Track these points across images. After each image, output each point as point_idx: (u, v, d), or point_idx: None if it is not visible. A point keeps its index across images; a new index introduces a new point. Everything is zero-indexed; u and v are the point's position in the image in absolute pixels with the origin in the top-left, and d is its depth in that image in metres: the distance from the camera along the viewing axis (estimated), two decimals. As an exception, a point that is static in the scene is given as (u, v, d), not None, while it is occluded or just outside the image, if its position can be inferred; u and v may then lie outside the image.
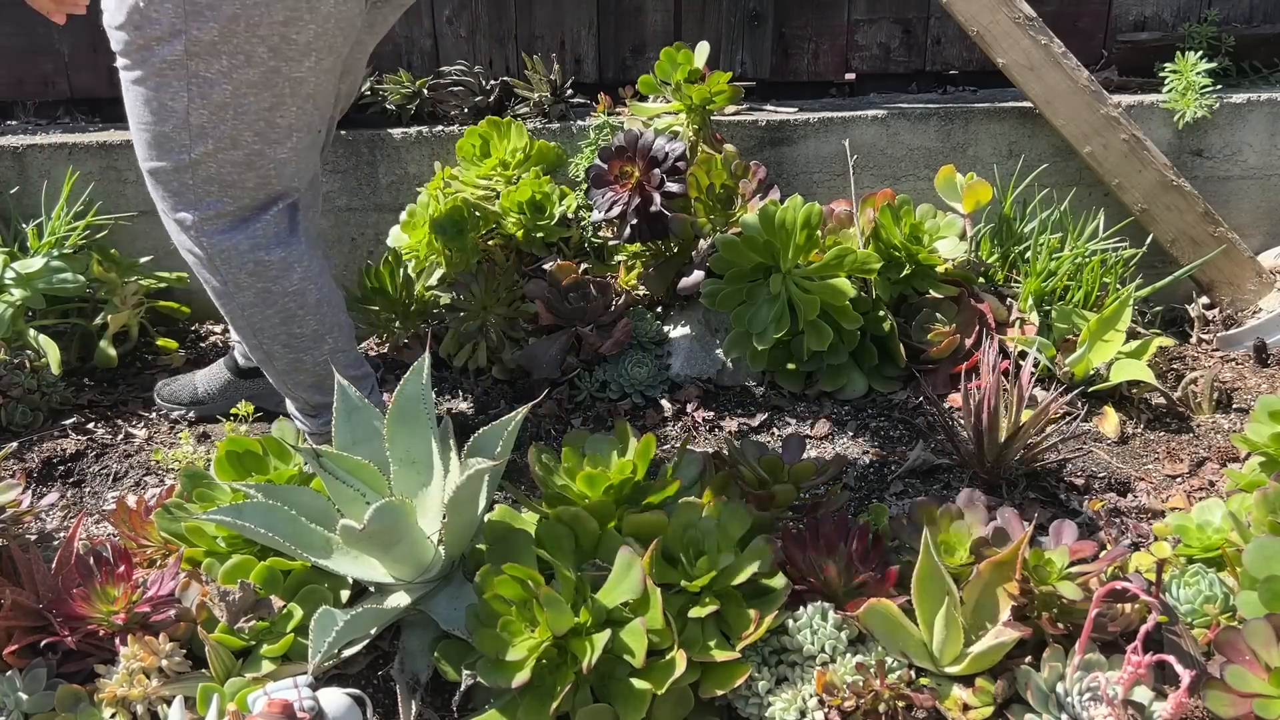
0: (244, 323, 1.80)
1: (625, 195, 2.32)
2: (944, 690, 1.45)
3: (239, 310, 1.78)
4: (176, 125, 1.62)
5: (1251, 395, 2.27)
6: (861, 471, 2.03)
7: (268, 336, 1.82)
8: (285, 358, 1.85)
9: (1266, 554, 1.43)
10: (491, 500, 1.66)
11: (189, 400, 2.27)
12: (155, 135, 1.64)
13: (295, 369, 1.86)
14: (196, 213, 1.69)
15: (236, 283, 1.75)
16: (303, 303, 1.79)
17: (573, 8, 2.77)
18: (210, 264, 1.74)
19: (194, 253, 1.75)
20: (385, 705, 1.54)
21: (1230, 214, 2.69)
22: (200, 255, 1.74)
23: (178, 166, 1.65)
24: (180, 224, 1.72)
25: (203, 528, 1.67)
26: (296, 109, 1.68)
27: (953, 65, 2.88)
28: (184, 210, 1.70)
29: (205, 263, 1.74)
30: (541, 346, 2.31)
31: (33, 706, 1.49)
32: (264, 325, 1.80)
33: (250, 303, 1.77)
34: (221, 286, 1.76)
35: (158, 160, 1.67)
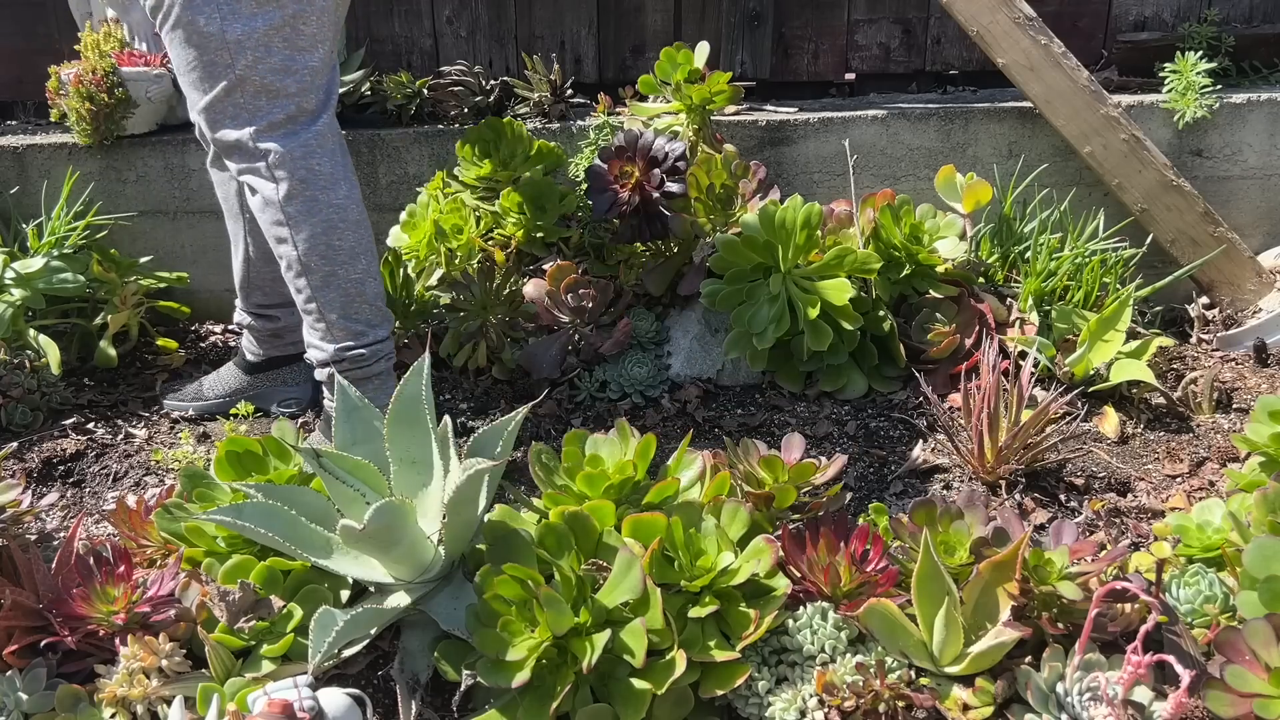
0: (286, 231, 1.90)
1: (625, 195, 2.32)
2: (944, 690, 1.45)
3: (285, 220, 1.89)
4: (216, 46, 1.80)
5: (1251, 395, 2.27)
6: (861, 471, 2.03)
7: (308, 247, 1.91)
8: (321, 270, 1.92)
9: (1266, 554, 1.43)
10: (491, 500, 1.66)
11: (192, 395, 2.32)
12: (203, 65, 1.83)
13: (327, 284, 1.93)
14: (253, 125, 1.86)
15: (287, 192, 1.88)
16: (344, 217, 1.92)
17: (573, 8, 2.77)
18: (268, 175, 1.87)
19: (254, 171, 1.88)
20: (385, 705, 1.54)
21: (1230, 214, 2.69)
22: (261, 168, 1.87)
23: (229, 88, 1.83)
24: (239, 144, 1.87)
25: (203, 528, 1.67)
26: (316, 19, 1.86)
27: (953, 65, 2.88)
28: (243, 126, 1.86)
29: (265, 174, 1.87)
30: (541, 346, 2.31)
31: (33, 706, 1.49)
32: (307, 235, 1.91)
33: (297, 212, 1.89)
34: (272, 197, 1.88)
35: (210, 90, 1.84)
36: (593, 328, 2.31)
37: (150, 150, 2.59)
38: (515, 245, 2.45)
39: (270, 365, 2.28)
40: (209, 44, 1.80)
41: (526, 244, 2.45)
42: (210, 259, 2.67)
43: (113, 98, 2.49)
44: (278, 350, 2.27)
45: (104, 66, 2.47)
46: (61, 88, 2.50)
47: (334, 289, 1.94)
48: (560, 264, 2.36)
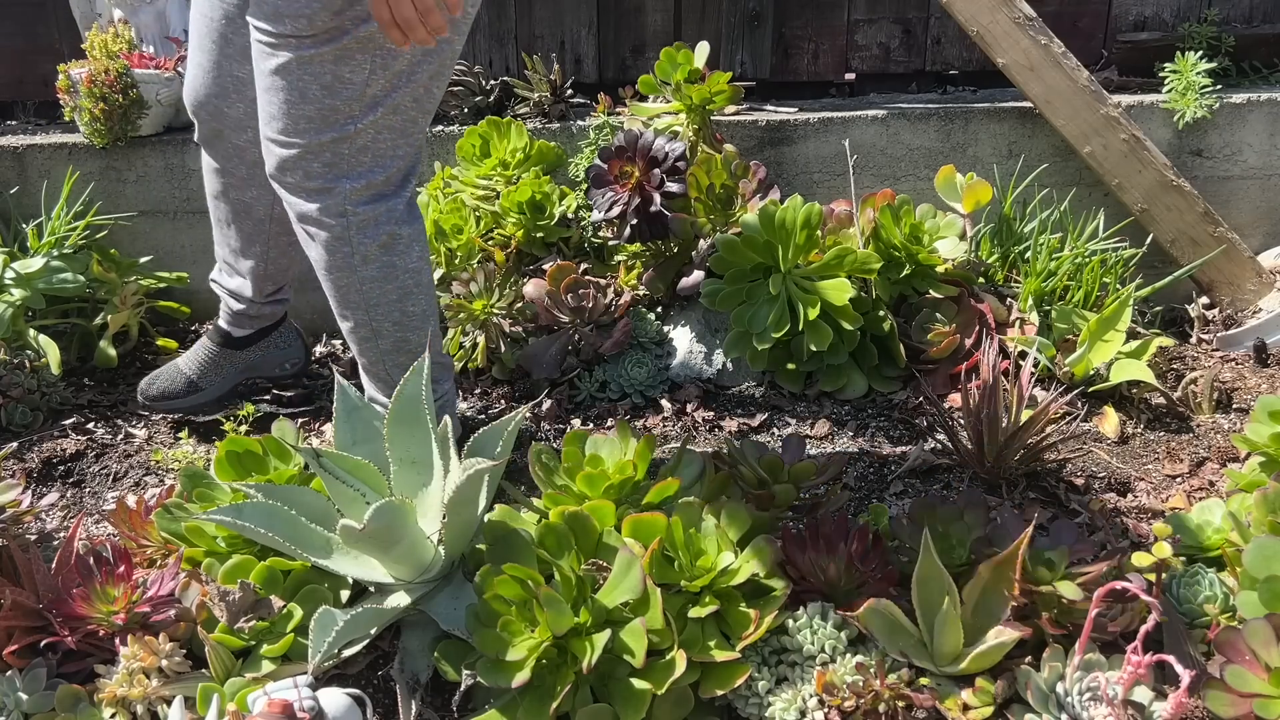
0: (359, 298, 1.82)
1: (625, 195, 2.32)
2: (944, 690, 1.45)
3: (358, 284, 1.81)
4: (349, 97, 1.65)
5: (1251, 395, 2.27)
6: (861, 471, 2.03)
7: (380, 313, 1.84)
8: (393, 336, 1.87)
9: (1266, 554, 1.43)
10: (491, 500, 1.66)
11: (185, 390, 2.20)
12: (322, 109, 1.65)
13: (399, 348, 1.89)
14: (349, 183, 1.72)
15: (365, 255, 1.78)
16: (419, 281, 1.85)
17: (573, 8, 2.77)
18: (345, 235, 1.76)
19: (330, 226, 1.75)
20: (385, 705, 1.54)
21: (1230, 214, 2.69)
22: (337, 227, 1.75)
23: (339, 139, 1.68)
24: (325, 196, 1.73)
25: (203, 528, 1.67)
26: (445, 79, 1.76)
27: (953, 65, 2.88)
28: (338, 180, 1.71)
29: (340, 234, 1.76)
30: (541, 346, 2.31)
31: (33, 706, 1.49)
32: (381, 300, 1.83)
33: (373, 277, 1.80)
34: (346, 260, 1.78)
35: (318, 135, 1.67)
36: (593, 328, 2.31)
37: (150, 150, 2.59)
38: (515, 245, 2.45)
39: (261, 335, 2.23)
40: (341, 90, 1.64)
41: (526, 244, 2.45)
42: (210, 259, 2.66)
43: (127, 99, 2.49)
44: (266, 323, 2.23)
45: (117, 67, 2.47)
46: (72, 87, 2.50)
47: (404, 353, 1.90)
48: (560, 264, 2.36)
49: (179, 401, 2.19)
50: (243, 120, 1.93)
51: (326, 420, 2.25)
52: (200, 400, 2.20)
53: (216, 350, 2.21)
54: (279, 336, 2.27)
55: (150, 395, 2.20)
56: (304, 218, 1.77)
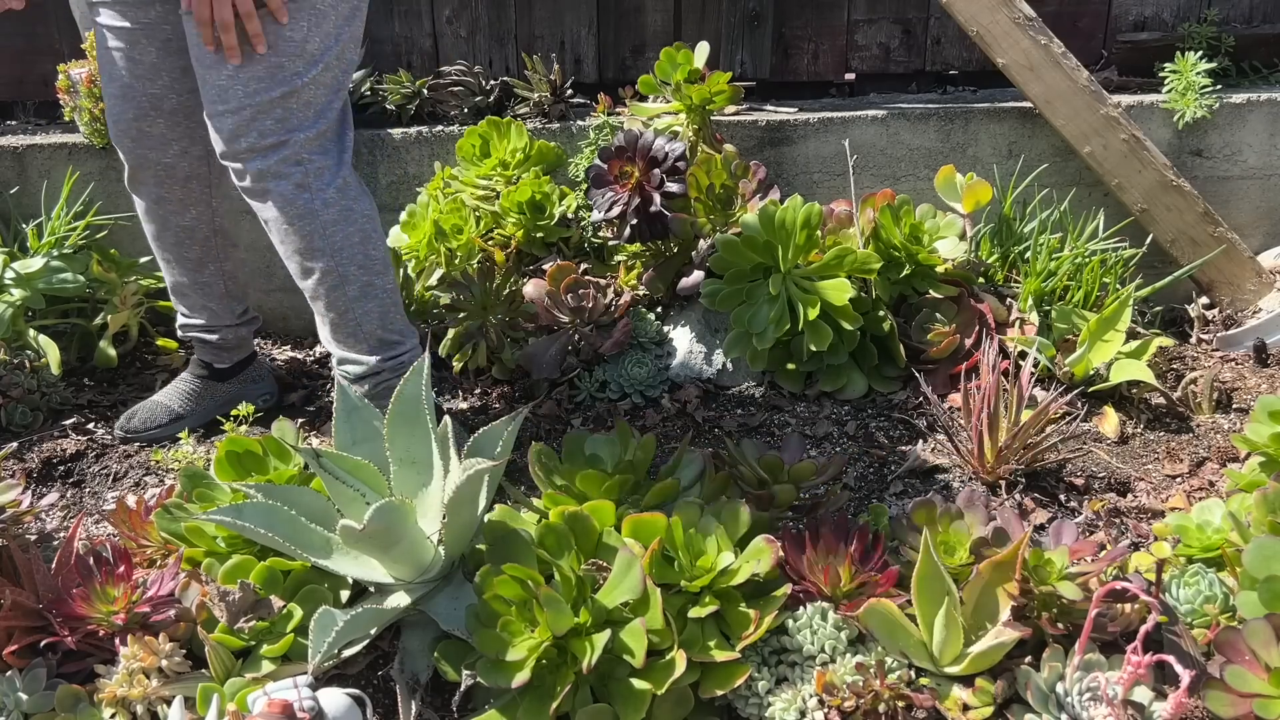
0: (324, 243, 1.88)
1: (625, 195, 2.32)
2: (944, 690, 1.45)
3: (321, 229, 1.87)
4: (292, 54, 1.77)
5: (1251, 395, 2.27)
6: (861, 471, 2.03)
7: (345, 256, 1.90)
8: (359, 280, 1.92)
9: (1266, 554, 1.43)
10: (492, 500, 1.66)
11: (167, 419, 2.22)
12: (269, 67, 1.76)
13: (365, 294, 1.94)
14: (301, 134, 1.82)
15: (325, 199, 1.86)
16: (375, 227, 1.94)
17: (573, 8, 2.77)
18: (304, 182, 1.84)
19: (289, 174, 1.83)
20: (385, 705, 1.54)
21: (1230, 214, 2.69)
22: (296, 174, 1.83)
23: (287, 93, 1.78)
24: (282, 149, 1.81)
25: (203, 528, 1.67)
26: (358, 45, 1.89)
27: (953, 65, 2.88)
28: (291, 133, 1.81)
29: (300, 180, 1.84)
30: (541, 346, 2.31)
31: (33, 706, 1.49)
32: (345, 244, 1.89)
33: (334, 220, 1.87)
34: (308, 205, 1.85)
35: (268, 92, 1.77)
36: (593, 328, 2.31)
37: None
38: (515, 245, 2.45)
39: (240, 367, 2.28)
40: (284, 48, 1.76)
41: (526, 244, 2.45)
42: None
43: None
44: (244, 352, 2.29)
45: (114, 67, 2.47)
46: (72, 87, 2.50)
47: (372, 299, 1.94)
48: (560, 264, 2.36)
49: (162, 430, 2.21)
50: (165, 135, 1.99)
51: (326, 420, 2.25)
52: (182, 428, 2.21)
53: (199, 383, 2.26)
54: (254, 370, 2.31)
55: (131, 428, 2.22)
56: (261, 175, 1.83)
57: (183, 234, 2.10)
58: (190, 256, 2.13)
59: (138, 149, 1.99)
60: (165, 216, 2.08)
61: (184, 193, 2.05)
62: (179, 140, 2.00)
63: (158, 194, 2.05)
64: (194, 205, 2.08)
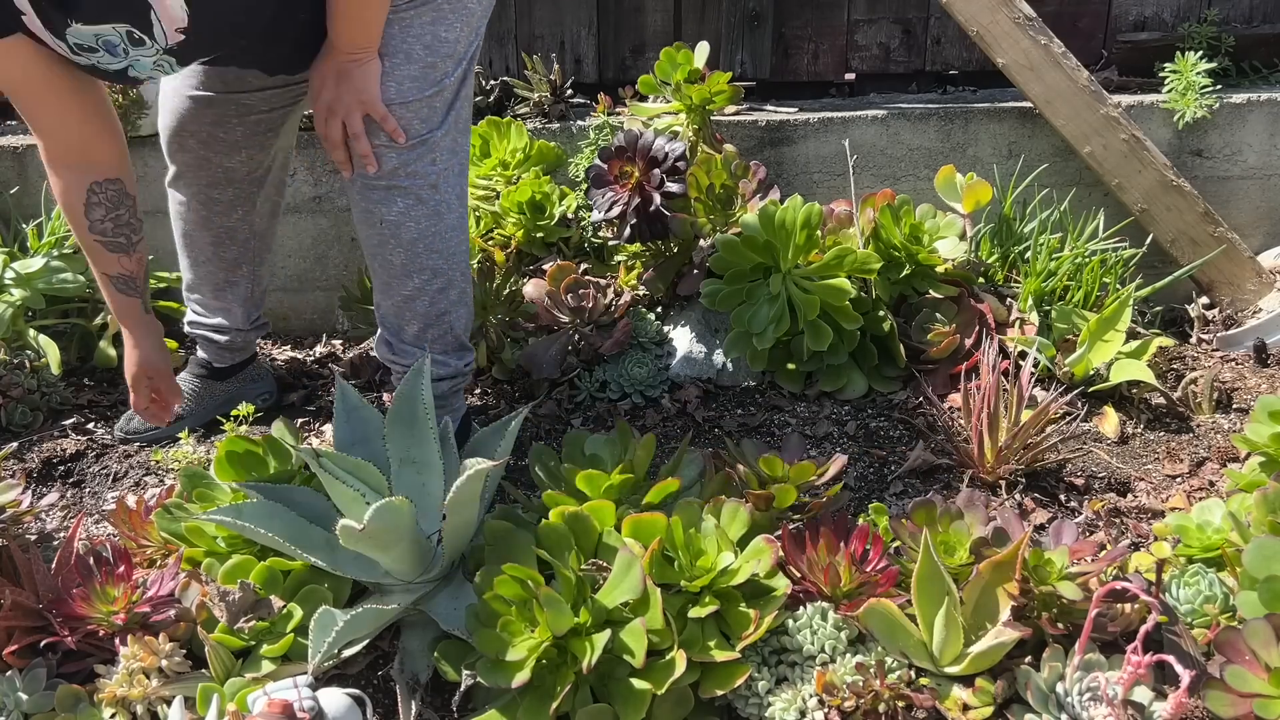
0: (441, 245, 1.86)
1: (625, 195, 2.32)
2: (944, 690, 1.45)
3: (443, 232, 1.85)
4: (445, 54, 1.75)
5: (1251, 395, 2.27)
6: (861, 471, 2.03)
7: (456, 261, 1.89)
8: (460, 285, 1.92)
9: (1266, 554, 1.43)
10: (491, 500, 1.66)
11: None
12: (424, 67, 1.73)
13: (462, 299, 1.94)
14: (439, 132, 1.79)
15: (449, 203, 1.84)
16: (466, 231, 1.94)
17: (573, 8, 2.77)
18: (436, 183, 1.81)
19: (424, 174, 1.80)
20: (385, 705, 1.54)
21: (1230, 214, 2.69)
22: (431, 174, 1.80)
23: (436, 93, 1.76)
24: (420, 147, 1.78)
25: (203, 528, 1.67)
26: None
27: (953, 65, 2.88)
28: (431, 131, 1.78)
29: (433, 181, 1.81)
30: (541, 346, 2.31)
31: (33, 706, 1.49)
32: (458, 249, 1.89)
33: (453, 225, 1.86)
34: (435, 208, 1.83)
35: (421, 92, 1.74)
36: (593, 328, 2.31)
37: (150, 150, 2.59)
38: (515, 245, 2.45)
39: (240, 367, 2.27)
40: (439, 48, 1.74)
41: (526, 244, 2.45)
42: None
43: (126, 98, 2.49)
44: (246, 354, 2.28)
45: (116, 66, 2.48)
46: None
47: (464, 304, 1.95)
48: (560, 264, 2.36)
49: (162, 430, 2.20)
50: (239, 142, 1.97)
51: (326, 420, 2.25)
52: (182, 427, 2.20)
53: (198, 382, 2.24)
54: (254, 370, 2.31)
55: (131, 429, 2.21)
56: (394, 173, 1.78)
57: (224, 234, 2.08)
58: (227, 256, 2.11)
59: (204, 151, 1.97)
60: (209, 217, 2.06)
61: (235, 194, 2.04)
62: (250, 148, 1.99)
63: (208, 195, 2.03)
64: (242, 206, 2.06)
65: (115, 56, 1.58)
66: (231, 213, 2.06)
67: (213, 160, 1.99)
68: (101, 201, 1.75)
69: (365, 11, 1.65)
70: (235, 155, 1.99)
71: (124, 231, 1.81)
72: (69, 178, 1.74)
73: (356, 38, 1.68)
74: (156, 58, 1.60)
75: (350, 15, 1.65)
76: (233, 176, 2.01)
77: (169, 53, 1.59)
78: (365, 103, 1.71)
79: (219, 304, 2.17)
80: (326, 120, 1.73)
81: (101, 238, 1.80)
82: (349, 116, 1.72)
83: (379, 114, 1.72)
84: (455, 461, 1.62)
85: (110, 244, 1.81)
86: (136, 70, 1.62)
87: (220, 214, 2.06)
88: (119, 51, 1.57)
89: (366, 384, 2.37)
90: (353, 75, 1.70)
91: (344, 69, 1.70)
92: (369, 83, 1.70)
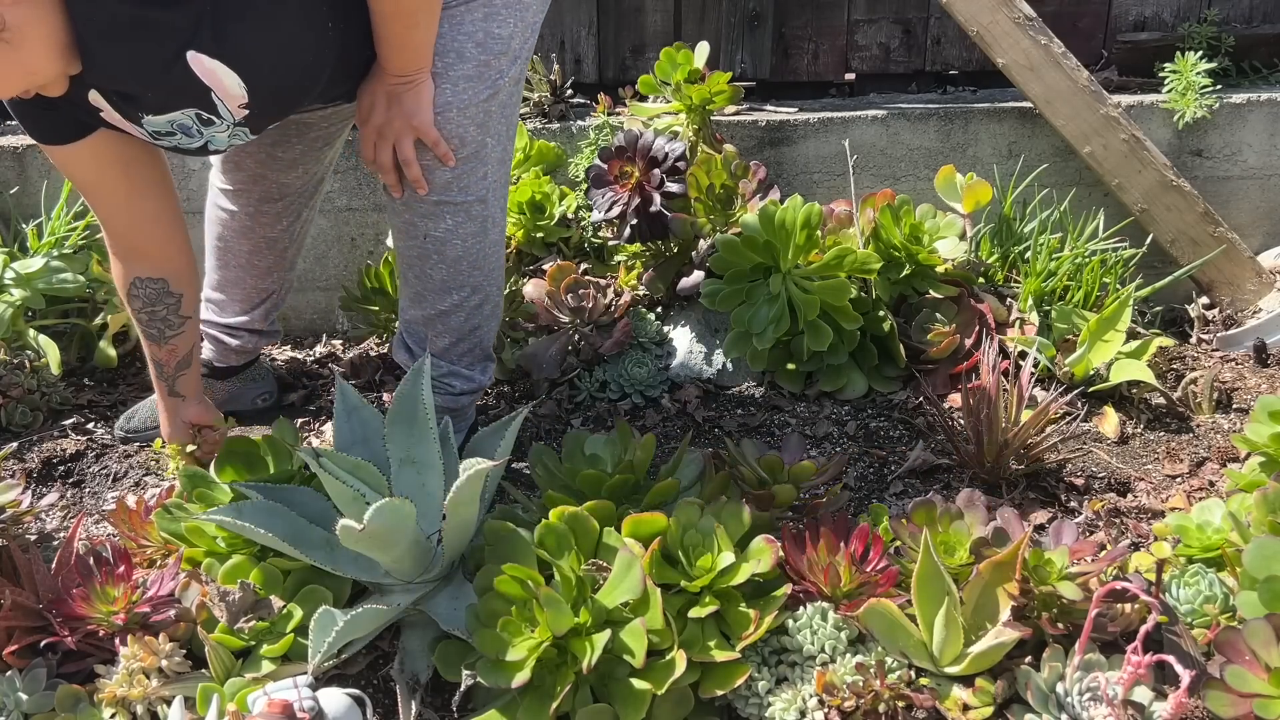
0: (483, 261, 1.82)
1: (625, 195, 2.32)
2: (944, 690, 1.45)
3: (487, 249, 1.81)
4: (499, 51, 1.66)
5: (1251, 395, 2.27)
6: (861, 471, 2.03)
7: (494, 278, 1.86)
8: (494, 300, 1.90)
9: (1266, 554, 1.43)
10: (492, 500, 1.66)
11: None
12: (478, 65, 1.66)
13: (494, 314, 1.92)
14: (492, 140, 1.73)
15: (494, 218, 1.80)
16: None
17: (573, 8, 2.77)
18: (485, 198, 1.76)
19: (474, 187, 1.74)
20: (385, 705, 1.54)
21: (1230, 214, 2.69)
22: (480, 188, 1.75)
23: (491, 95, 1.68)
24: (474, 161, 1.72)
25: (203, 528, 1.67)
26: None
27: (953, 65, 2.88)
28: (485, 139, 1.72)
29: (482, 195, 1.76)
30: (541, 346, 2.31)
31: (33, 706, 1.49)
32: (496, 265, 1.86)
33: (496, 241, 1.83)
34: (482, 225, 1.79)
35: (475, 94, 1.67)
36: (593, 328, 2.31)
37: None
38: (515, 245, 2.45)
39: (241, 367, 2.26)
40: (493, 45, 1.66)
41: (526, 244, 2.45)
42: (210, 259, 2.67)
43: None
44: (250, 356, 2.27)
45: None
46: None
47: (495, 319, 1.93)
48: (560, 264, 2.36)
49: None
50: (296, 160, 1.96)
51: (326, 420, 2.25)
52: None
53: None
54: (255, 369, 2.30)
55: (131, 429, 2.21)
56: (445, 188, 1.72)
57: (263, 243, 2.07)
58: (261, 264, 2.10)
59: (261, 169, 1.96)
60: (253, 227, 2.04)
61: (285, 207, 2.02)
62: (306, 163, 1.97)
63: (259, 208, 2.02)
64: (287, 217, 2.05)
65: (191, 137, 1.59)
66: (278, 224, 2.05)
67: (269, 176, 1.97)
68: (140, 295, 1.81)
69: (414, 35, 1.58)
70: (292, 171, 1.97)
71: (158, 325, 1.84)
72: (117, 266, 1.82)
73: (407, 64, 1.61)
74: (230, 131, 1.59)
75: (398, 42, 1.58)
76: (286, 190, 2.00)
77: (240, 125, 1.59)
78: (417, 127, 1.64)
79: (241, 306, 2.16)
80: (376, 145, 1.68)
81: (138, 324, 1.86)
82: (400, 141, 1.66)
83: (431, 138, 1.65)
84: (455, 461, 1.62)
85: (144, 331, 1.86)
86: (215, 145, 1.62)
87: (266, 225, 2.05)
88: (194, 133, 1.58)
89: (366, 384, 2.37)
90: (403, 99, 1.63)
91: (394, 93, 1.63)
92: (421, 106, 1.63)
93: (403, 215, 1.79)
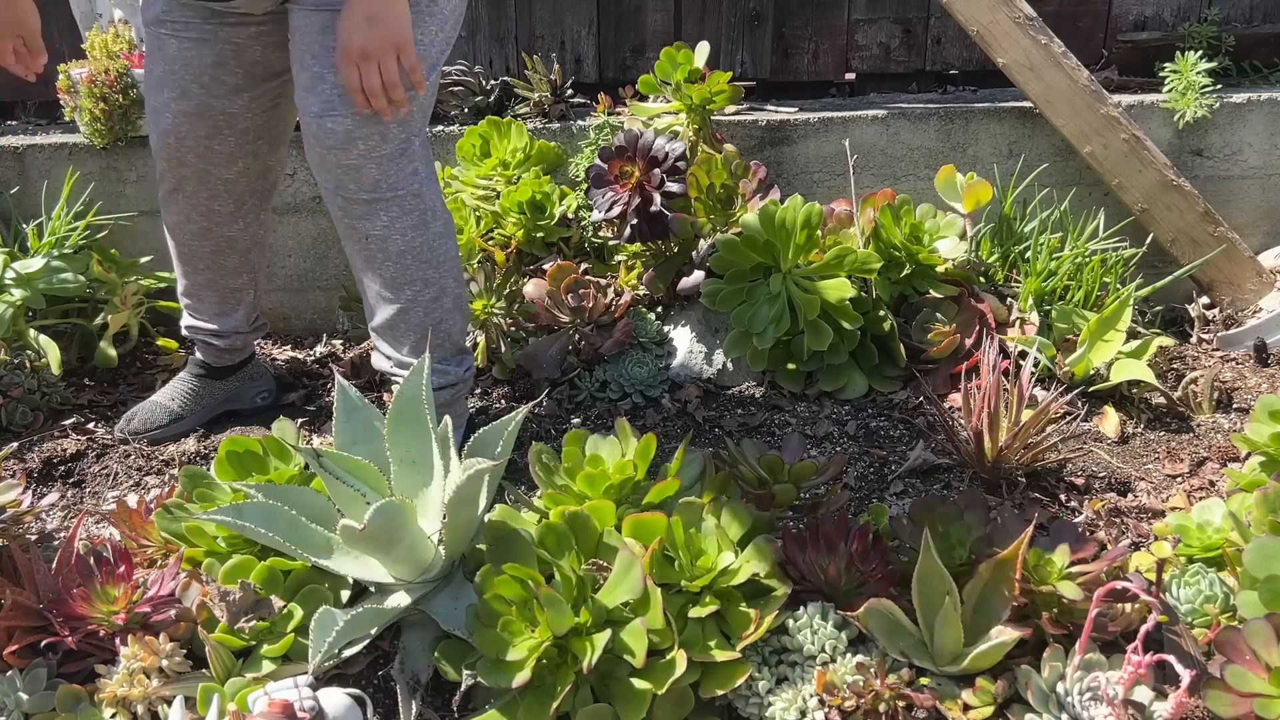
0: (430, 255, 1.88)
1: (625, 195, 2.32)
2: (944, 690, 1.45)
3: (430, 241, 1.87)
4: (420, 56, 1.75)
5: (1251, 395, 2.27)
6: (861, 471, 2.03)
7: (447, 269, 1.92)
8: (454, 292, 1.94)
9: (1266, 554, 1.43)
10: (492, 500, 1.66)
11: (168, 419, 2.21)
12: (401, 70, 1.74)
13: (458, 305, 1.96)
14: (417, 139, 1.83)
15: (434, 209, 1.88)
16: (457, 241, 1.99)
17: (573, 8, 2.77)
18: (419, 191, 1.85)
19: (407, 182, 1.83)
20: (385, 705, 1.54)
21: (1230, 214, 2.69)
22: (413, 183, 1.83)
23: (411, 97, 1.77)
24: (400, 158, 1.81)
25: (203, 528, 1.67)
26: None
27: (953, 65, 2.88)
28: (410, 139, 1.82)
29: (416, 190, 1.84)
30: (541, 346, 2.31)
31: (33, 706, 1.49)
32: (447, 256, 1.91)
33: (440, 233, 1.89)
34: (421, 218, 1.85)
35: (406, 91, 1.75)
36: (593, 328, 2.31)
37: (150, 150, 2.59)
38: (515, 245, 2.45)
39: (239, 366, 2.27)
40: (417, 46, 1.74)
41: (526, 244, 2.45)
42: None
43: (127, 99, 2.49)
44: (245, 354, 2.28)
45: (117, 68, 2.48)
46: (72, 87, 2.51)
47: (459, 310, 1.96)
48: (560, 264, 2.36)
49: (163, 430, 2.20)
50: (234, 153, 1.97)
51: (326, 420, 2.25)
52: (183, 427, 2.21)
53: (197, 382, 2.24)
54: (253, 368, 2.31)
55: (132, 429, 2.21)
56: (375, 185, 1.80)
57: (224, 243, 2.08)
58: (227, 264, 2.11)
59: (201, 164, 1.97)
60: (210, 227, 2.05)
61: (237, 205, 2.04)
62: (244, 158, 1.99)
63: (209, 206, 2.03)
64: (244, 217, 2.06)
65: None
66: (233, 224, 2.06)
67: (212, 173, 1.98)
68: None
69: None
70: (233, 166, 1.99)
71: None
72: None
73: None
74: None
75: None
76: (233, 188, 2.01)
77: None
78: (400, 45, 1.69)
79: (218, 310, 2.17)
80: (362, 69, 1.70)
81: None
82: (384, 60, 1.69)
83: (411, 59, 1.71)
84: (455, 461, 1.62)
85: None
86: None
87: (221, 225, 2.06)
88: None
89: (366, 384, 2.37)
90: (384, 18, 1.67)
91: (373, 12, 1.67)
92: (401, 25, 1.68)
93: (343, 221, 1.86)
